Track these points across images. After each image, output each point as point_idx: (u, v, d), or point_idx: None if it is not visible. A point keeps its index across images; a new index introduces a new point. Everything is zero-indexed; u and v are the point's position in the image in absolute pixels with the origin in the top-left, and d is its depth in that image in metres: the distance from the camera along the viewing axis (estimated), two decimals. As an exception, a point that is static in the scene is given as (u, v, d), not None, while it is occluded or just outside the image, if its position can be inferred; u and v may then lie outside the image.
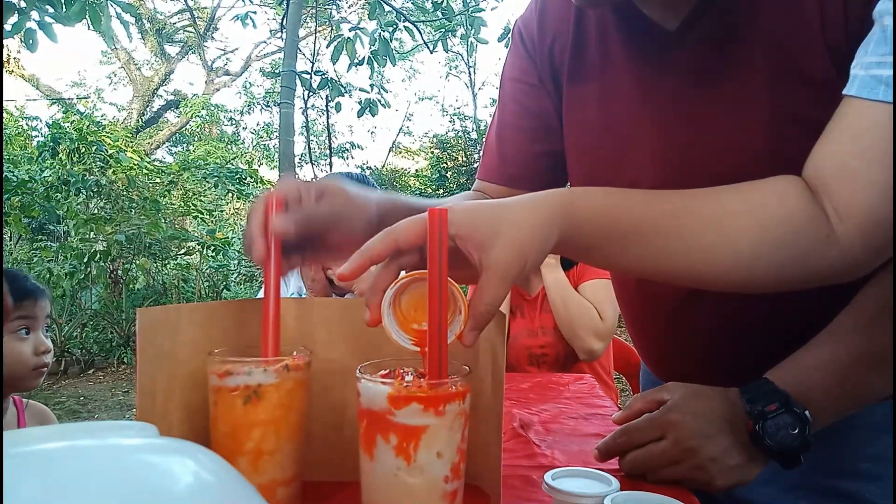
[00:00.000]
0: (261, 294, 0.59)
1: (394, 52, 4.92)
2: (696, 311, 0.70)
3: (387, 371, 0.52)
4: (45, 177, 5.58)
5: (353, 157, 11.64)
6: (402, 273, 0.50)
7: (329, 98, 5.29)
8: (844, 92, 0.49)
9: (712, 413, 0.61)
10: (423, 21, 5.42)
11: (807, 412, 0.56)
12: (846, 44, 0.53)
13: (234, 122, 12.71)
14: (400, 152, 13.01)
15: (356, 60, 4.67)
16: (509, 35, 4.79)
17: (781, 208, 0.51)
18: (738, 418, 0.59)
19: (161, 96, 11.21)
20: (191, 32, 10.66)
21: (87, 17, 2.94)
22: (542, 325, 1.69)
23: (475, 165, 8.03)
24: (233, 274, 6.53)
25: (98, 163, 5.71)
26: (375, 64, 4.81)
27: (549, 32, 0.75)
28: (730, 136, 0.62)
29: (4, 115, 7.24)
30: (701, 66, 0.63)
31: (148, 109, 10.79)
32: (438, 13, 5.25)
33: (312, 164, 7.74)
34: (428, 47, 5.56)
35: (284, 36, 4.59)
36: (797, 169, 0.52)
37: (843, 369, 0.58)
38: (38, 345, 1.27)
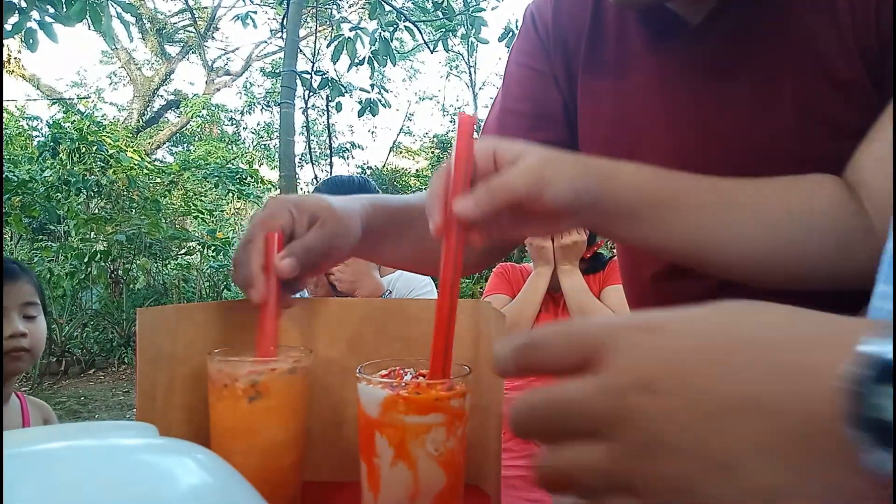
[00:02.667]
0: None
1: (394, 51, 4.92)
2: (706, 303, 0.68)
3: (387, 371, 0.52)
4: (45, 177, 5.59)
5: (353, 157, 11.66)
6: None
7: (329, 98, 5.29)
8: None
9: None
10: (423, 21, 5.42)
11: None
12: (877, 45, 0.52)
13: (234, 122, 12.72)
14: (400, 152, 13.02)
15: (357, 60, 4.67)
16: (510, 35, 4.79)
17: (823, 199, 0.50)
18: None
19: (161, 96, 11.22)
20: (191, 32, 10.67)
21: (87, 16, 2.94)
22: (565, 320, 1.68)
23: (475, 165, 8.00)
24: (233, 274, 6.52)
25: (98, 163, 5.71)
26: (376, 64, 4.81)
27: (565, 20, 0.72)
28: (751, 135, 0.60)
29: (4, 114, 7.24)
30: (723, 62, 0.61)
31: (148, 109, 10.79)
32: (439, 13, 5.24)
33: (313, 164, 7.74)
34: (428, 47, 5.56)
35: (285, 36, 4.59)
36: (823, 171, 0.52)
37: None
38: (7, 328, 1.21)
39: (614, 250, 2.52)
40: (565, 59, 0.73)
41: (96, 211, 5.94)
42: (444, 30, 5.16)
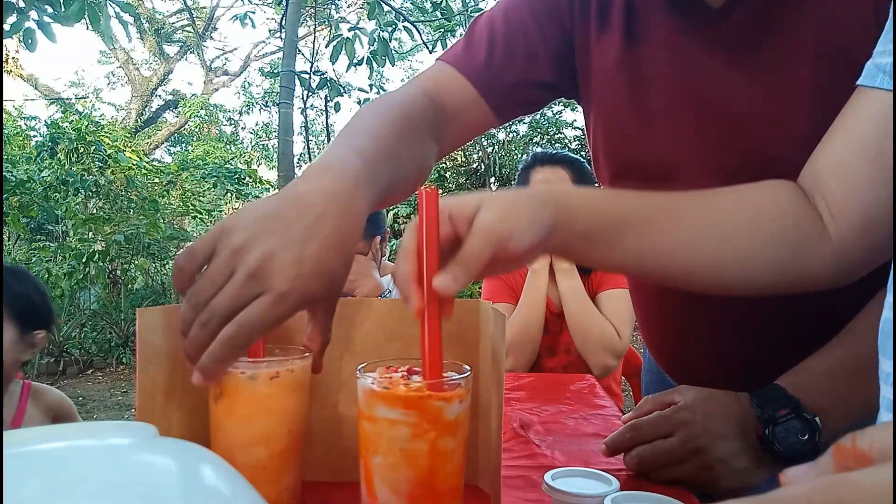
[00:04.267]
0: None
1: (393, 52, 4.92)
2: (713, 302, 0.68)
3: (388, 372, 0.52)
4: (43, 177, 5.58)
5: (352, 157, 11.62)
6: None
7: (328, 98, 5.28)
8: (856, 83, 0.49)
9: (723, 415, 0.60)
10: (422, 21, 5.42)
11: (817, 418, 0.56)
12: None
13: (232, 122, 12.70)
14: (399, 152, 12.96)
15: (355, 60, 4.66)
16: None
17: (774, 206, 0.51)
18: (749, 422, 0.59)
19: (160, 96, 11.21)
20: (189, 32, 10.65)
21: (85, 16, 2.94)
22: (564, 344, 1.60)
23: (474, 165, 8.03)
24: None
25: (97, 163, 5.70)
26: (375, 64, 4.81)
27: None
28: (770, 117, 0.60)
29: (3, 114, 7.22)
30: (744, 43, 0.61)
31: (146, 109, 10.78)
32: (438, 13, 5.24)
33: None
34: (427, 47, 5.56)
35: (283, 36, 4.59)
36: None
37: (854, 376, 0.57)
38: None
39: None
40: (584, 24, 0.71)
41: (94, 211, 5.93)
42: (442, 30, 5.15)
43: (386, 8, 4.86)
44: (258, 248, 0.44)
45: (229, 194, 7.23)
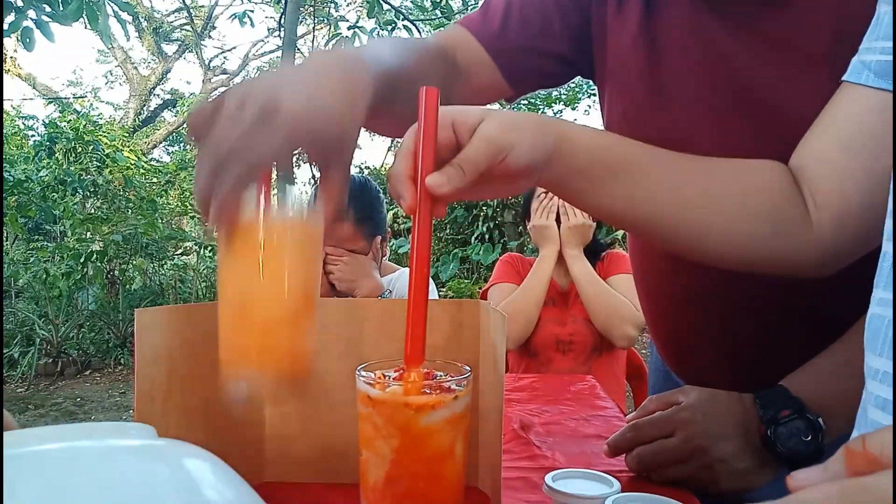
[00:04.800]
0: None
1: (392, 51, 4.91)
2: (719, 294, 0.68)
3: (387, 372, 0.52)
4: (41, 176, 5.57)
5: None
6: None
7: (327, 98, 5.28)
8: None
9: (725, 415, 0.60)
10: (421, 20, 5.42)
11: (820, 419, 0.56)
12: None
13: (231, 121, 12.67)
14: (398, 152, 12.97)
15: (354, 60, 4.65)
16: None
17: (764, 181, 0.52)
18: (752, 423, 0.59)
19: (158, 95, 11.19)
20: (188, 31, 10.64)
21: (84, 15, 2.93)
22: (572, 315, 1.66)
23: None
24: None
25: (95, 162, 5.70)
26: (373, 63, 4.81)
27: None
28: (785, 97, 0.60)
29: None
30: (761, 22, 0.61)
31: (145, 108, 10.77)
32: (437, 12, 5.25)
33: (311, 164, 7.74)
34: (426, 47, 5.56)
35: (282, 34, 4.59)
36: None
37: (859, 377, 0.57)
38: None
39: (608, 239, 2.51)
40: (602, 1, 0.71)
41: (92, 211, 5.92)
42: (442, 28, 5.16)
43: (385, 6, 4.86)
44: (266, 92, 0.44)
45: (228, 194, 7.21)
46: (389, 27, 4.79)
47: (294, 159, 0.46)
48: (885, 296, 0.36)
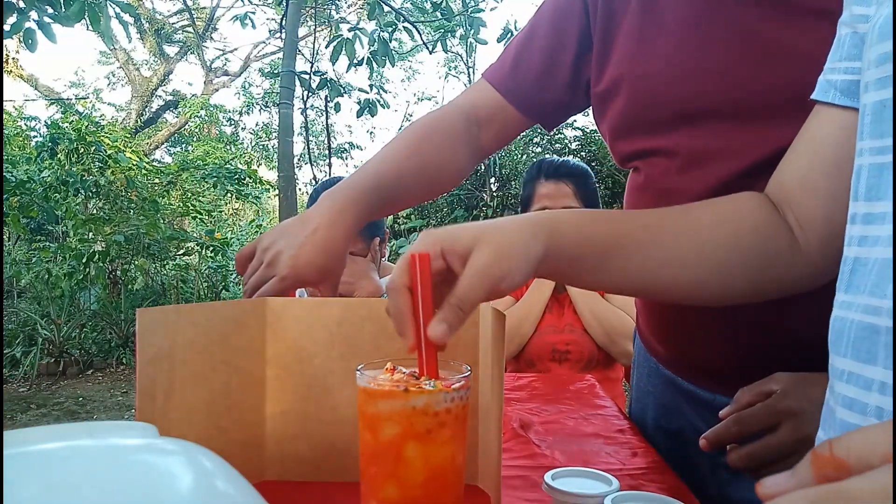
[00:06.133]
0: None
1: (393, 52, 4.92)
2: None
3: (387, 371, 0.52)
4: (43, 177, 5.57)
5: (352, 158, 11.63)
6: None
7: (328, 98, 5.28)
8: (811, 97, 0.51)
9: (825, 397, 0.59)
10: (422, 21, 5.42)
11: None
12: None
13: (233, 122, 12.70)
14: (399, 153, 12.93)
15: (355, 61, 4.66)
16: (508, 35, 4.80)
17: (750, 219, 0.54)
18: None
19: (160, 96, 11.19)
20: (190, 32, 10.65)
21: (86, 17, 2.94)
22: (569, 323, 1.65)
23: (474, 166, 8.00)
24: (232, 275, 6.51)
25: (97, 163, 5.69)
26: (375, 64, 4.81)
27: None
28: (798, 68, 0.60)
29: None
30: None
31: (147, 110, 10.77)
32: (438, 13, 5.24)
33: (312, 165, 7.72)
34: (427, 48, 5.56)
35: (283, 36, 4.59)
36: None
37: None
38: None
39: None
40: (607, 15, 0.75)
41: (94, 211, 5.93)
42: (442, 30, 5.15)
43: (386, 8, 4.86)
44: (273, 248, 0.69)
45: (229, 195, 7.22)
46: (390, 29, 4.79)
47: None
48: (846, 299, 0.38)
